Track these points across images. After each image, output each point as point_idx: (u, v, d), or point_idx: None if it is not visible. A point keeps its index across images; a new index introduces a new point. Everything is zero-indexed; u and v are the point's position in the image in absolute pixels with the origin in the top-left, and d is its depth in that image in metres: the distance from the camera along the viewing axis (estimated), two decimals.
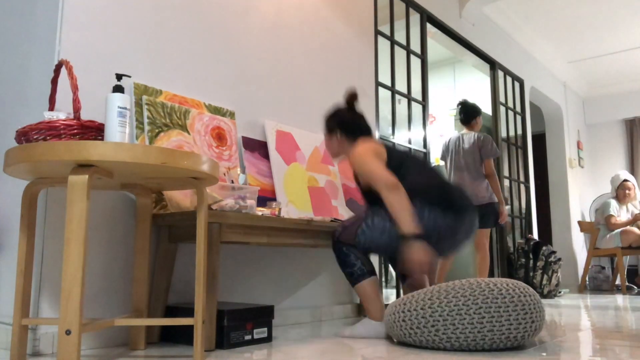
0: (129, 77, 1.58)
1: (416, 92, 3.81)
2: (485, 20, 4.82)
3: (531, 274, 4.34)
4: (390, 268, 3.96)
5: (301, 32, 2.82)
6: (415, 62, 3.86)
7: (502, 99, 4.96)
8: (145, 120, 1.94)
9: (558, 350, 1.73)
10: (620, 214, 5.34)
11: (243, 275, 2.31)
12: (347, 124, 2.25)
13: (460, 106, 3.82)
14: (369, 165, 2.05)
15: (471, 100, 3.88)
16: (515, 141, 5.16)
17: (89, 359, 1.57)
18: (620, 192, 5.41)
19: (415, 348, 1.77)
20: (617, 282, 5.70)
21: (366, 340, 1.95)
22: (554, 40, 5.61)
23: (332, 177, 2.71)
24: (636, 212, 5.40)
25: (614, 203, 5.32)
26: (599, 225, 5.36)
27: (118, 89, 1.48)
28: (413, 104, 3.76)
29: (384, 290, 4.47)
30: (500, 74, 4.97)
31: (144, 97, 1.96)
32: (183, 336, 1.83)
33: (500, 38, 5.04)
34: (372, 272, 2.05)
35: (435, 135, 4.84)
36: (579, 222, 5.77)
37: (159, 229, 1.93)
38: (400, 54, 3.68)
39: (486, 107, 4.93)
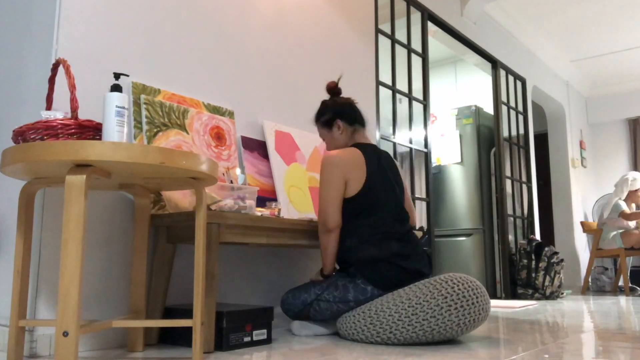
0: (127, 76, 1.56)
1: (417, 91, 3.79)
2: (487, 18, 4.80)
3: (533, 275, 4.32)
4: None
5: (301, 31, 2.80)
6: (417, 61, 3.84)
7: (504, 98, 4.93)
8: (144, 120, 1.92)
9: (560, 352, 1.72)
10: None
11: (242, 276, 2.30)
12: (345, 110, 2.18)
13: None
14: (326, 191, 2.03)
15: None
16: (517, 141, 5.13)
17: None
18: (633, 195, 5.35)
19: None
20: (620, 283, 5.67)
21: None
22: (557, 38, 5.58)
23: None
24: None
25: (623, 205, 5.28)
26: (602, 225, 5.34)
27: (116, 88, 1.46)
28: (414, 103, 3.74)
29: None
30: (502, 72, 4.94)
31: (142, 97, 1.94)
32: (182, 338, 1.82)
33: (502, 36, 5.02)
34: None
35: (437, 134, 4.81)
36: (582, 223, 5.74)
37: (157, 229, 1.91)
38: (401, 52, 3.66)
39: (488, 107, 4.91)
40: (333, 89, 2.27)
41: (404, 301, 1.85)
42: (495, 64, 4.83)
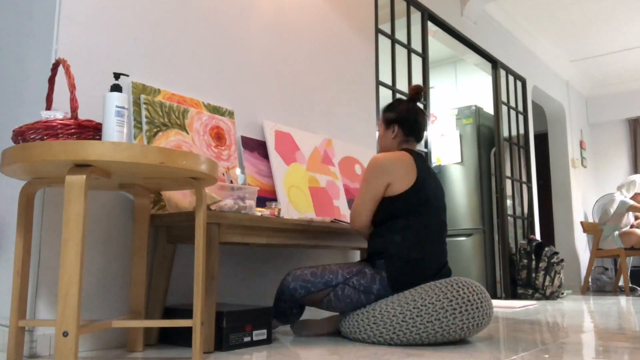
0: (127, 76, 1.56)
1: None
2: (487, 18, 4.80)
3: (533, 275, 4.32)
4: None
5: (301, 30, 2.80)
6: (417, 61, 3.83)
7: (504, 98, 4.93)
8: (144, 120, 1.92)
9: (561, 352, 1.72)
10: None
11: (242, 276, 2.30)
12: (409, 120, 2.15)
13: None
14: (364, 192, 2.02)
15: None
16: (517, 141, 5.13)
17: None
18: (636, 197, 5.34)
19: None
20: (620, 283, 5.67)
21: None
22: (557, 38, 5.58)
23: (332, 177, 2.69)
24: None
25: (630, 200, 5.28)
26: (603, 224, 5.33)
27: (116, 88, 1.46)
28: None
29: None
30: (502, 72, 4.94)
31: (142, 97, 1.94)
32: (182, 338, 1.81)
33: (502, 36, 5.02)
34: (302, 313, 2.10)
35: (437, 134, 4.82)
36: (582, 223, 5.74)
37: (157, 229, 1.91)
38: (401, 52, 3.66)
39: (488, 107, 4.91)
40: (414, 93, 2.20)
41: (409, 302, 1.85)
42: (495, 64, 4.83)
